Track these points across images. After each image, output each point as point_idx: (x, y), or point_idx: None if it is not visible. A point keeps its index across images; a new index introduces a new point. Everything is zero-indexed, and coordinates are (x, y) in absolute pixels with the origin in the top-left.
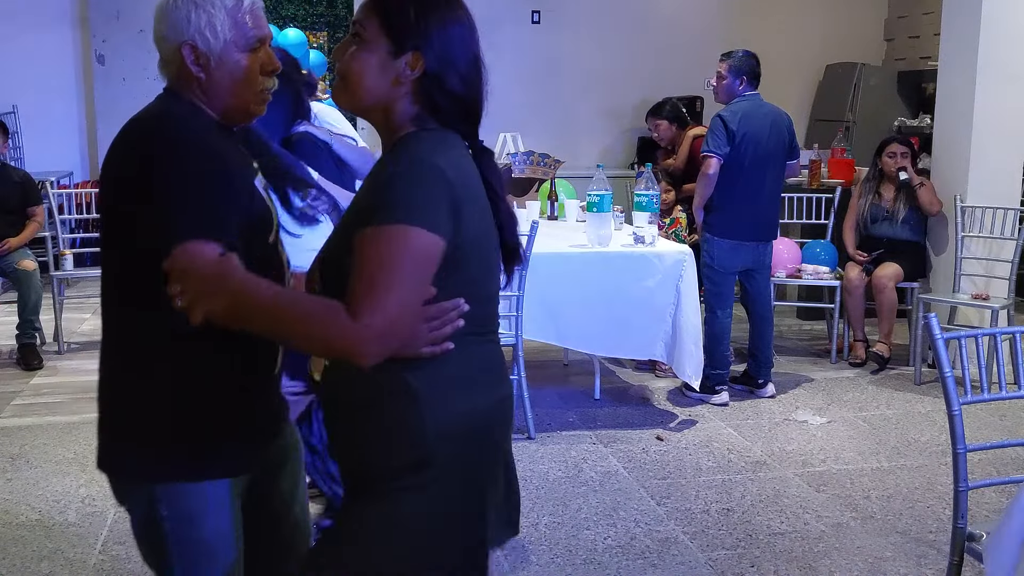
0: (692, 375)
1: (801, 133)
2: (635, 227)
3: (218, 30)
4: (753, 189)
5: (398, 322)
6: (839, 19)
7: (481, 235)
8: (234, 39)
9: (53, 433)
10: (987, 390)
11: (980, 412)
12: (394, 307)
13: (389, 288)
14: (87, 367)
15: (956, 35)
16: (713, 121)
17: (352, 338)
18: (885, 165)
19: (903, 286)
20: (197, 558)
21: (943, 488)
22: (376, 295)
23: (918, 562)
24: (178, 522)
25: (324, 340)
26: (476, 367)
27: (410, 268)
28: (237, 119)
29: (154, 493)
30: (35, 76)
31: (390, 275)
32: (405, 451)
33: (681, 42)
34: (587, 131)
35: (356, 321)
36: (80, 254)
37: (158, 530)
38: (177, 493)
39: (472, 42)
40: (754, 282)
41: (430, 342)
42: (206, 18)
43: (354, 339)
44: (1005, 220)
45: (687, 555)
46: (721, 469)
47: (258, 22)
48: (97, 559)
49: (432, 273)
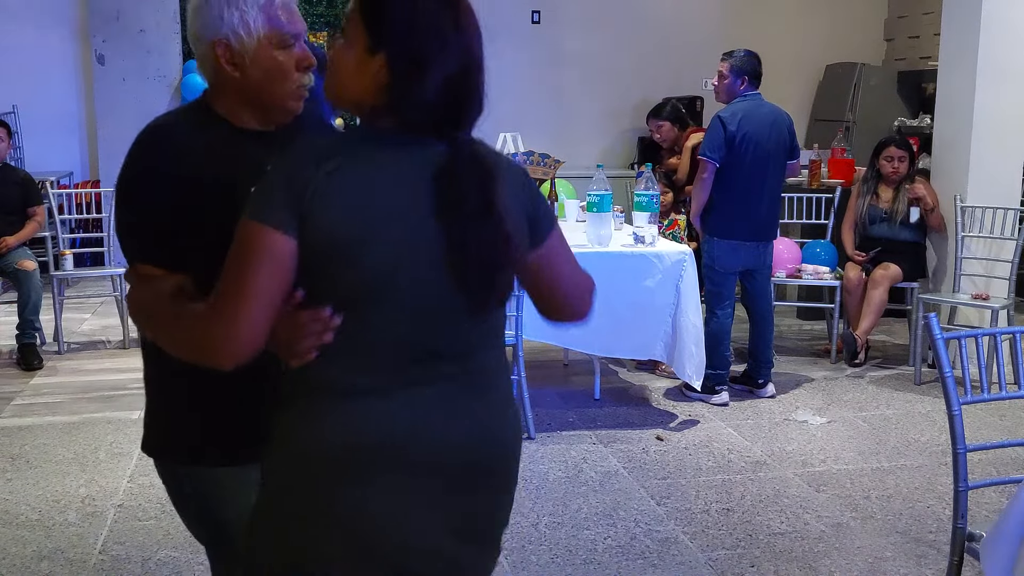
0: (692, 375)
1: (801, 133)
2: (635, 227)
3: (251, 27)
4: (753, 189)
5: (246, 325)
6: (839, 19)
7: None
8: (267, 36)
9: (53, 433)
10: (987, 390)
11: (980, 412)
12: (242, 307)
13: (234, 288)
14: (87, 367)
15: (956, 35)
16: (712, 122)
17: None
18: (883, 167)
19: (903, 286)
20: (217, 531)
21: (943, 488)
22: (225, 295)
23: (918, 562)
24: (202, 498)
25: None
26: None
27: (257, 267)
28: (276, 117)
29: (180, 473)
30: (35, 76)
31: (236, 273)
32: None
33: (681, 42)
34: (587, 131)
35: (211, 322)
36: (80, 254)
37: (185, 504)
38: (197, 475)
39: (466, 49)
40: (754, 282)
41: (294, 354)
42: (239, 15)
43: (209, 343)
44: (1005, 220)
45: (687, 555)
46: (721, 469)
47: (292, 17)
48: (97, 559)
49: (284, 273)
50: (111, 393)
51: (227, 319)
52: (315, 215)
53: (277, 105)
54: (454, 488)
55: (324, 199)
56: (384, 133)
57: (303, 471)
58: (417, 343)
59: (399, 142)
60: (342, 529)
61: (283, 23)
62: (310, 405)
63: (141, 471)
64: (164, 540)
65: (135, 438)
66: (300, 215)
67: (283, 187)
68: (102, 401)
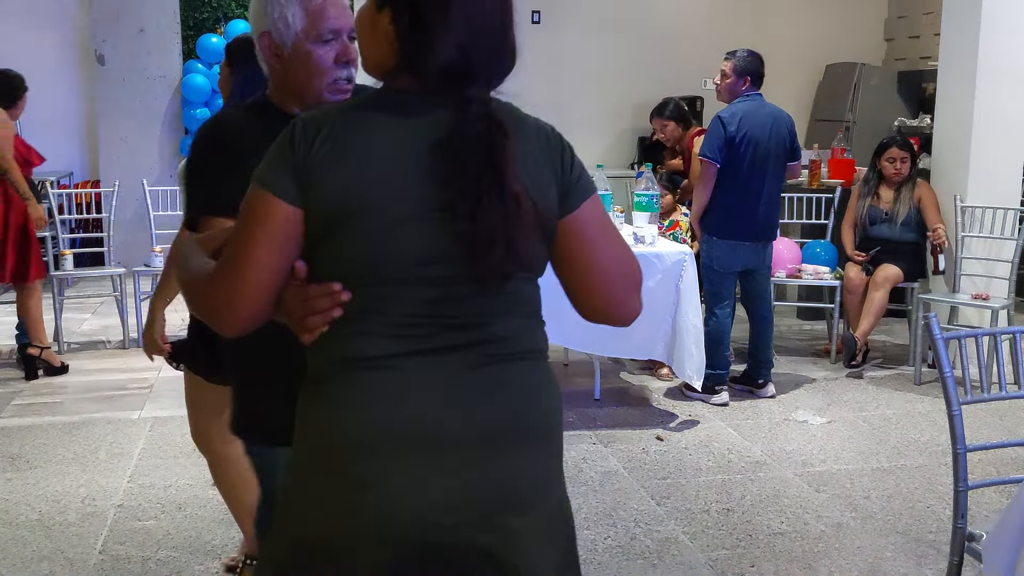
0: (692, 375)
1: (801, 133)
2: (635, 227)
3: (289, 21)
4: (753, 189)
5: (243, 292)
6: (839, 19)
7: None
8: (305, 29)
9: (53, 433)
10: (987, 390)
11: (980, 412)
12: (240, 275)
13: (234, 254)
14: (87, 367)
15: (956, 35)
16: (712, 123)
17: (210, 306)
18: (885, 169)
19: (903, 286)
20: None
21: (943, 488)
22: (225, 261)
23: (918, 562)
24: (261, 473)
25: (203, 307)
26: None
27: (256, 234)
28: None
29: (251, 450)
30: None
31: (237, 240)
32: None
33: (681, 42)
34: (587, 131)
35: (212, 287)
36: (80, 254)
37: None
38: (257, 454)
39: (482, 10)
40: (754, 282)
41: (304, 328)
42: (279, 9)
43: (211, 307)
44: (1005, 220)
45: (687, 555)
46: (721, 469)
47: (335, 12)
48: (97, 559)
49: (285, 241)
50: (111, 393)
51: (228, 286)
52: (316, 185)
53: (315, 97)
54: (481, 458)
55: (324, 167)
56: (393, 95)
57: (323, 450)
58: (431, 314)
59: (410, 103)
60: (364, 505)
61: (322, 18)
62: (325, 383)
63: (141, 471)
64: (164, 540)
65: (135, 438)
66: (301, 184)
67: (283, 155)
68: (102, 401)
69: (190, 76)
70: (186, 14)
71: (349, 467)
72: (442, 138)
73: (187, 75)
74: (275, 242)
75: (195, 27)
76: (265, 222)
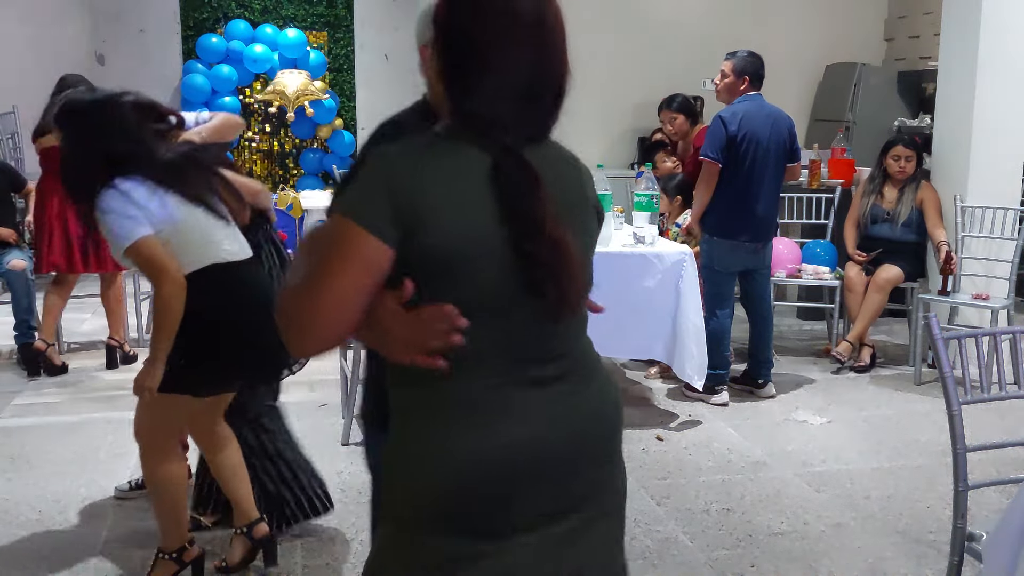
0: (693, 375)
1: (801, 133)
2: (635, 227)
3: None
4: (752, 190)
5: (315, 323)
6: (839, 19)
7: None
8: None
9: (53, 433)
10: (987, 390)
11: (980, 412)
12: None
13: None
14: (87, 367)
15: (956, 35)
16: (712, 122)
17: (282, 325)
18: (890, 167)
19: (903, 286)
20: None
21: (943, 488)
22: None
23: (918, 562)
24: None
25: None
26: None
27: (343, 266)
28: None
29: None
30: (35, 76)
31: (322, 269)
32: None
33: (681, 42)
34: (587, 131)
35: (288, 313)
36: None
37: None
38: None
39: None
40: (754, 282)
41: (412, 350)
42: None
43: (284, 327)
44: (1005, 220)
45: (687, 555)
46: (721, 469)
47: None
48: (97, 559)
49: (371, 277)
50: (111, 393)
51: (305, 315)
52: (418, 230)
53: None
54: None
55: (427, 213)
56: (461, 133)
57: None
58: (520, 350)
59: (470, 144)
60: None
61: None
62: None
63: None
64: None
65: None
66: (402, 226)
67: (382, 192)
68: (102, 401)
69: (190, 76)
70: (186, 14)
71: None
72: (492, 188)
73: (187, 75)
74: (364, 280)
75: (195, 27)
76: (355, 257)
